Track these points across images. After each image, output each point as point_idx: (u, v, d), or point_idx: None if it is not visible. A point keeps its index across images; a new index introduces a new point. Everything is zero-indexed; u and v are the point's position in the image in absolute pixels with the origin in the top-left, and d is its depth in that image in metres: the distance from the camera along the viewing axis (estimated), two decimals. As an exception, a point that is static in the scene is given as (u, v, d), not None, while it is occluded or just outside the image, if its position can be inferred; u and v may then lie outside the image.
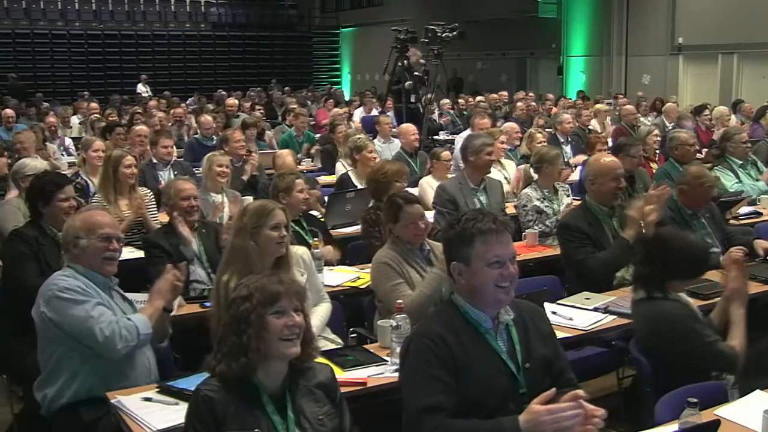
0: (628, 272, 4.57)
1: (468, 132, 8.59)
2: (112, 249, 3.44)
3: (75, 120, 13.47)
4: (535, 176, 5.88)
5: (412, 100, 10.74)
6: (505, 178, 7.13)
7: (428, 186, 6.68)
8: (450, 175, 6.91)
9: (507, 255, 2.67)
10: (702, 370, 3.32)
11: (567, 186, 6.11)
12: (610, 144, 8.47)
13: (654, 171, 7.43)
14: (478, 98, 15.92)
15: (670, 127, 10.55)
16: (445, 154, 7.18)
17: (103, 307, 3.31)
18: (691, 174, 5.06)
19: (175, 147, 9.23)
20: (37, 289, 3.55)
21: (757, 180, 7.01)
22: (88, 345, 3.26)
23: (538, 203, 5.67)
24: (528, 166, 6.22)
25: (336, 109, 12.30)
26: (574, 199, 6.00)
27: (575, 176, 7.57)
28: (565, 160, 8.08)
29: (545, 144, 7.68)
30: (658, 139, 8.13)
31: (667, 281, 3.43)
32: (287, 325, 2.52)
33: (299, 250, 4.12)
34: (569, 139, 9.49)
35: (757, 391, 3.05)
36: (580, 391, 2.48)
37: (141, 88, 21.70)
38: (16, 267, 4.37)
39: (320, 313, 4.03)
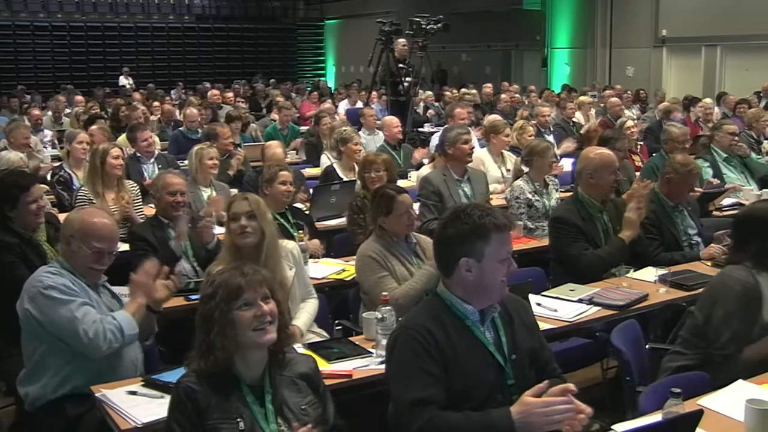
0: (618, 269, 4.60)
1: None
2: (101, 263, 3.37)
3: (66, 111, 13.37)
4: (526, 169, 5.87)
5: (401, 92, 10.72)
6: (504, 173, 7.09)
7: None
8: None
9: (511, 250, 2.70)
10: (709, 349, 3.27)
11: (557, 180, 6.10)
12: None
13: (636, 163, 7.46)
14: (463, 90, 15.92)
15: (657, 118, 10.66)
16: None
17: (88, 306, 3.25)
18: (679, 162, 5.04)
19: (159, 140, 9.23)
20: None
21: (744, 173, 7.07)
22: (71, 345, 3.22)
23: (529, 196, 5.66)
24: (519, 159, 6.21)
25: (326, 105, 12.26)
26: (562, 192, 6.01)
27: (568, 167, 7.56)
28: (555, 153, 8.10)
29: (534, 137, 7.70)
30: (636, 130, 8.19)
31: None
32: (256, 316, 2.53)
33: (288, 245, 4.10)
34: (552, 130, 9.53)
35: (740, 381, 3.07)
36: (570, 385, 2.48)
37: (123, 81, 21.56)
38: (9, 273, 4.03)
39: (308, 310, 4.03)
